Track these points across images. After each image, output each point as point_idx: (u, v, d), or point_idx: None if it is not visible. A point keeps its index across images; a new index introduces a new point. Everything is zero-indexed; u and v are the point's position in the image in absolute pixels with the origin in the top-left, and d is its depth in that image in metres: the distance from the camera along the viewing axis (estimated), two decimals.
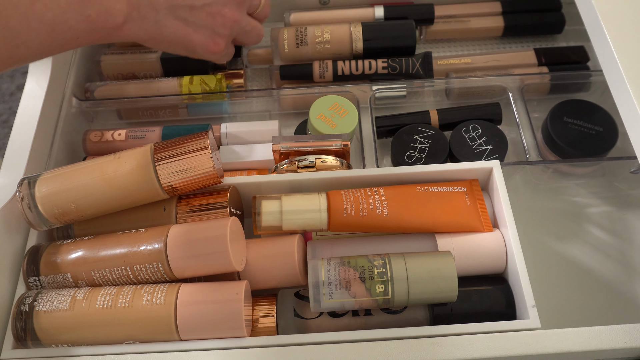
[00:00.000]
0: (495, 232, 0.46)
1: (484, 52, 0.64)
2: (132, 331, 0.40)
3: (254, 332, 0.43)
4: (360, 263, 0.41)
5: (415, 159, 0.53)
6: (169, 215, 0.45)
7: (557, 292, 0.50)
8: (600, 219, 0.54)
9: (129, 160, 0.43)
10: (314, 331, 0.42)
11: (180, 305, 0.40)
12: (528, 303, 0.41)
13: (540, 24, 0.66)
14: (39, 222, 0.44)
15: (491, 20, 0.66)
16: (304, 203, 0.45)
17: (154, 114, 0.60)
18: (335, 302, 0.40)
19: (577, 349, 0.39)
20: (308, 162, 0.48)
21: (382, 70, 0.59)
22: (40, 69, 0.55)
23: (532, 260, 0.45)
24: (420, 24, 0.65)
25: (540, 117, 0.59)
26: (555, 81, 0.59)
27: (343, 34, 0.60)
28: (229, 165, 0.54)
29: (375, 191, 0.46)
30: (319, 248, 0.45)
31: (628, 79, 0.41)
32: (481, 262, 0.45)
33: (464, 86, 0.59)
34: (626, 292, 0.50)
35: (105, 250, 0.43)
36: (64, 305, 0.41)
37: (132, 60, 0.61)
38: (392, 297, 0.40)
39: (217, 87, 0.58)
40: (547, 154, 0.56)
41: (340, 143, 0.50)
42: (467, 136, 0.54)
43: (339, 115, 0.53)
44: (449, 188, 0.47)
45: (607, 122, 0.54)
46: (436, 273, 0.41)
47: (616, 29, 0.44)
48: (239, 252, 0.43)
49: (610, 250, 0.52)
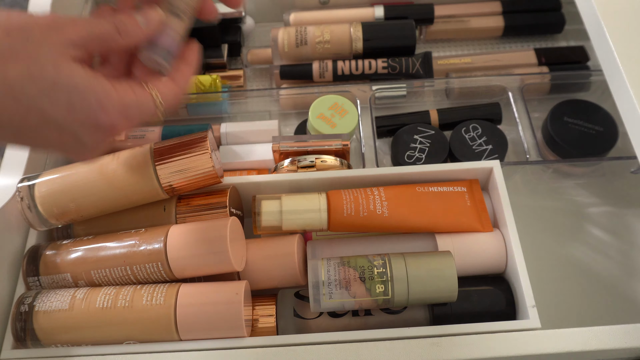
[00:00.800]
0: (495, 232, 0.46)
1: (484, 52, 0.64)
2: (131, 331, 0.40)
3: (254, 332, 0.43)
4: (360, 263, 0.41)
5: (415, 159, 0.53)
6: (169, 215, 0.45)
7: (557, 292, 0.50)
8: (600, 219, 0.54)
9: (128, 160, 0.43)
10: (314, 331, 0.42)
11: (180, 306, 0.40)
12: (528, 303, 0.41)
13: (540, 24, 0.66)
14: (38, 222, 0.44)
15: (491, 20, 0.66)
16: (303, 203, 0.45)
17: None
18: (335, 302, 0.40)
19: (577, 349, 0.39)
20: (308, 162, 0.48)
21: (382, 70, 0.59)
22: None
23: (532, 260, 0.45)
24: (420, 23, 0.65)
25: (540, 117, 0.59)
26: (555, 81, 0.59)
27: (343, 34, 0.60)
28: (229, 165, 0.54)
29: (375, 191, 0.46)
30: (319, 248, 0.45)
31: (628, 79, 0.41)
32: (481, 262, 0.45)
33: (464, 86, 0.59)
34: (626, 292, 0.50)
35: (105, 250, 0.43)
36: (63, 305, 0.41)
37: None
38: (392, 297, 0.40)
39: (212, 87, 0.58)
40: (547, 154, 0.56)
41: (340, 143, 0.49)
42: (467, 136, 0.54)
43: (339, 115, 0.53)
44: (449, 188, 0.47)
45: (607, 122, 0.54)
46: (436, 273, 0.41)
47: (616, 29, 0.44)
48: (239, 252, 0.42)
49: (610, 250, 0.52)
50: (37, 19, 0.30)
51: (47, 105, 0.29)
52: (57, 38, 0.29)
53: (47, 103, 0.29)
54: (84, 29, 0.31)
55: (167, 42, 0.35)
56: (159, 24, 0.34)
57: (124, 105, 0.32)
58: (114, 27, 0.32)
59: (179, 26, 0.36)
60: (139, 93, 0.33)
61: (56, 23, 0.30)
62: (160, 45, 0.35)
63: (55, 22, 0.30)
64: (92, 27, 0.31)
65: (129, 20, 0.33)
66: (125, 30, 0.32)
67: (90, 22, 0.31)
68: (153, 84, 0.34)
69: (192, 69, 0.36)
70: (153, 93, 0.33)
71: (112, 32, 0.32)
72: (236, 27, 0.64)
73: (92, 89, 0.30)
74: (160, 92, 0.34)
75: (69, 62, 0.30)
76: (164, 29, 0.35)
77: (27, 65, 0.28)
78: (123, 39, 0.32)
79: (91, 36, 0.31)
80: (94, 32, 0.31)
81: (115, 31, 0.32)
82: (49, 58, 0.29)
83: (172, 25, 0.35)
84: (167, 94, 0.34)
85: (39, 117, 0.29)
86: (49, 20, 0.30)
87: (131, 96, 0.32)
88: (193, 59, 0.37)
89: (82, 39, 0.30)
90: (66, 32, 0.30)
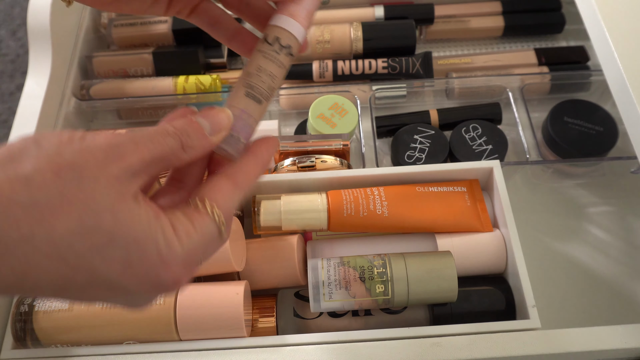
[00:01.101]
0: (495, 232, 0.46)
1: (484, 52, 0.64)
2: (131, 331, 0.40)
3: (254, 332, 0.43)
4: (360, 263, 0.41)
5: (415, 159, 0.53)
6: None
7: (557, 292, 0.50)
8: (600, 219, 0.54)
9: None
10: (314, 331, 0.42)
11: (180, 306, 0.40)
12: (528, 303, 0.41)
13: (540, 24, 0.66)
14: None
15: (491, 20, 0.65)
16: (303, 203, 0.45)
17: (153, 113, 0.60)
18: (335, 302, 0.40)
19: (577, 349, 0.39)
20: (308, 162, 0.48)
21: (382, 70, 0.59)
22: (39, 68, 0.55)
23: (532, 260, 0.45)
24: (420, 23, 0.65)
25: (540, 117, 0.59)
26: (555, 81, 0.59)
27: (343, 34, 0.60)
28: None
29: (375, 191, 0.46)
30: (318, 248, 0.45)
31: (628, 79, 0.41)
32: (481, 262, 0.45)
33: (464, 86, 0.59)
34: (626, 292, 0.50)
35: None
36: (63, 305, 0.41)
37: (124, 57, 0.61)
38: (392, 297, 0.40)
39: (212, 87, 0.58)
40: (547, 154, 0.56)
41: (340, 143, 0.49)
42: (467, 136, 0.54)
43: (339, 115, 0.53)
44: (449, 188, 0.47)
45: (607, 122, 0.54)
46: (436, 273, 0.40)
47: (616, 29, 0.44)
48: (239, 252, 0.42)
49: (610, 250, 0.52)
50: (91, 146, 0.24)
51: (99, 263, 0.23)
52: (116, 170, 0.24)
53: (100, 260, 0.23)
54: (146, 151, 0.25)
55: (240, 129, 0.30)
56: (227, 131, 0.29)
57: (188, 253, 0.26)
58: (179, 143, 0.27)
59: (256, 112, 0.30)
60: (200, 226, 0.26)
61: (114, 149, 0.24)
62: (232, 132, 0.29)
63: (113, 148, 0.24)
64: (155, 147, 0.26)
65: (194, 131, 0.27)
66: (191, 145, 0.27)
67: (153, 139, 0.26)
68: (212, 195, 0.27)
69: (261, 169, 0.30)
70: (215, 215, 0.27)
71: (177, 149, 0.27)
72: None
73: (153, 239, 0.25)
74: (220, 206, 0.27)
75: (129, 205, 0.24)
76: (239, 113, 0.29)
77: (79, 216, 0.23)
78: (188, 155, 0.27)
79: (154, 159, 0.26)
80: (157, 153, 0.26)
81: (179, 147, 0.27)
82: (106, 203, 0.23)
83: (248, 110, 0.30)
84: (228, 206, 0.28)
85: (88, 277, 0.24)
86: (106, 145, 0.24)
87: (193, 236, 0.26)
88: (264, 156, 0.30)
89: (144, 164, 0.25)
90: (126, 159, 0.24)
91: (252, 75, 0.30)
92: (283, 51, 0.31)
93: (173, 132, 0.27)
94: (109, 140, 0.24)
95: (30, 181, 0.22)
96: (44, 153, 0.23)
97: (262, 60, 0.30)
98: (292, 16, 0.31)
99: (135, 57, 0.61)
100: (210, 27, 0.34)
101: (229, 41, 0.34)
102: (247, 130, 0.30)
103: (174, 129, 0.27)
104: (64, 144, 0.24)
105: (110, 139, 0.25)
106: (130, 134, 0.25)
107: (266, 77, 0.30)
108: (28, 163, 0.22)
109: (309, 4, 0.31)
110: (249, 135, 0.30)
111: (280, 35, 0.31)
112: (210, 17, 0.34)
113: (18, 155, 0.23)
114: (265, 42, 0.31)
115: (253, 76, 0.30)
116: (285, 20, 0.31)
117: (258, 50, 0.31)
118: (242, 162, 0.29)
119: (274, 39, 0.31)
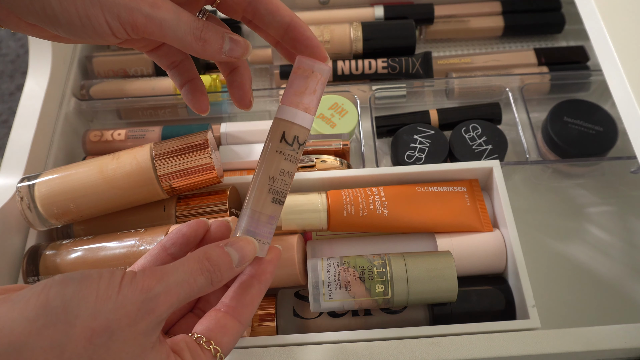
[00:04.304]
0: (495, 232, 0.46)
1: (484, 52, 0.64)
2: None
3: (254, 332, 0.43)
4: (359, 263, 0.41)
5: (415, 159, 0.53)
6: (169, 215, 0.45)
7: (557, 292, 0.50)
8: (600, 219, 0.54)
9: (128, 160, 0.43)
10: (314, 331, 0.42)
11: None
12: (528, 303, 0.41)
13: (540, 24, 0.66)
14: (38, 222, 0.44)
15: (491, 20, 0.66)
16: (303, 203, 0.45)
17: (153, 113, 0.60)
18: (335, 302, 0.40)
19: (577, 349, 0.39)
20: (308, 161, 0.48)
21: (382, 70, 0.59)
22: (40, 68, 0.55)
23: (532, 260, 0.45)
24: (420, 23, 0.65)
25: (540, 117, 0.59)
26: (555, 81, 0.59)
27: (343, 34, 0.60)
28: (229, 165, 0.54)
29: (375, 191, 0.46)
30: (318, 248, 0.45)
31: (628, 79, 0.41)
32: (481, 262, 0.45)
33: (464, 86, 0.59)
34: (626, 292, 0.50)
35: (105, 250, 0.43)
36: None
37: (124, 57, 0.61)
38: (392, 297, 0.40)
39: (212, 87, 0.58)
40: (547, 154, 0.56)
41: (340, 143, 0.50)
42: (467, 136, 0.54)
43: (338, 115, 0.53)
44: (448, 188, 0.47)
45: (607, 122, 0.54)
46: (436, 273, 0.40)
47: (616, 29, 0.44)
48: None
49: (610, 250, 0.52)
50: (126, 301, 0.25)
51: None
52: (144, 326, 0.25)
53: None
54: (175, 297, 0.26)
55: (267, 235, 0.31)
56: (252, 258, 0.30)
57: None
58: (209, 281, 0.28)
59: (279, 212, 0.31)
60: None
61: (147, 304, 0.25)
62: (261, 239, 0.30)
63: (146, 303, 0.25)
64: (184, 291, 0.27)
65: (225, 265, 0.29)
66: (219, 279, 0.28)
67: (184, 283, 0.27)
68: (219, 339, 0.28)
69: (263, 294, 0.31)
70: (218, 357, 0.28)
71: (205, 287, 0.28)
72: (236, 27, 0.64)
73: None
74: (224, 346, 0.28)
75: (147, 355, 0.25)
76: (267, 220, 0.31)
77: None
78: (213, 288, 0.28)
79: (181, 301, 0.27)
80: (185, 295, 0.27)
81: (209, 284, 0.28)
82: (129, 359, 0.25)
83: (275, 215, 0.31)
84: (232, 345, 0.29)
85: None
86: (140, 301, 0.25)
87: None
88: (268, 280, 0.31)
89: (171, 308, 0.26)
90: (156, 312, 0.25)
91: (276, 180, 0.31)
92: (301, 148, 0.31)
93: (207, 269, 0.28)
94: (145, 294, 0.25)
95: (64, 352, 0.23)
96: (81, 319, 0.23)
97: (284, 163, 0.31)
98: (307, 110, 0.31)
99: (135, 57, 0.61)
100: (169, 70, 0.36)
101: (182, 86, 0.36)
102: (272, 233, 0.31)
103: (209, 264, 0.28)
104: (101, 301, 0.24)
105: (146, 291, 0.25)
106: (166, 280, 0.26)
107: (288, 178, 0.31)
108: (63, 330, 0.23)
109: (320, 92, 0.31)
110: (270, 238, 0.31)
111: (298, 134, 0.31)
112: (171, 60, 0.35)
113: (54, 319, 0.23)
114: (284, 140, 0.31)
115: (277, 181, 0.31)
116: (302, 116, 0.31)
117: (277, 152, 0.31)
118: (249, 294, 0.30)
119: (292, 139, 0.31)
